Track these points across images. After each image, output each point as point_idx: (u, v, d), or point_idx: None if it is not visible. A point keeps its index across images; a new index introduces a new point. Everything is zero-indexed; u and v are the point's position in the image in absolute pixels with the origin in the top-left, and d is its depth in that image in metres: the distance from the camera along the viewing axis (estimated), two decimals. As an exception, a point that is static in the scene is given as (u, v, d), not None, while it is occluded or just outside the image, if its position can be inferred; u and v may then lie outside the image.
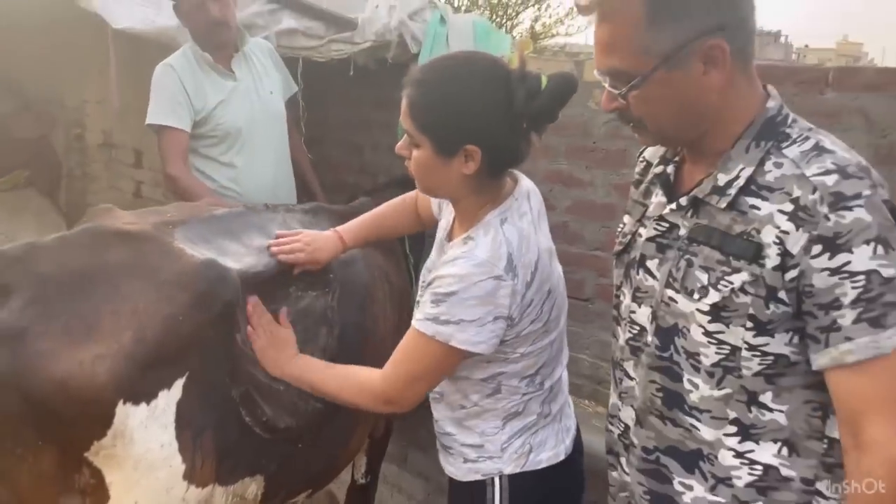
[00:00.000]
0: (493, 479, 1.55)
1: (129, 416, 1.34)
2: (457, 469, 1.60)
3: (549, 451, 1.57)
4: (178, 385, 1.41)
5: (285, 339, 1.65)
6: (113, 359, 1.30)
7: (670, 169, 1.33)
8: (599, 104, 2.65)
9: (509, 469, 1.54)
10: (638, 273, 1.32)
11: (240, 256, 1.64)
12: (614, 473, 1.44)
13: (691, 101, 1.18)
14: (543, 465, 1.56)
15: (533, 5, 11.59)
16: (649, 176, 1.39)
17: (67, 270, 1.38)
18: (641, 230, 1.34)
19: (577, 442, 1.67)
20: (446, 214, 1.64)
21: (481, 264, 1.37)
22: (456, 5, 10.61)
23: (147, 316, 1.36)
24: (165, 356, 1.38)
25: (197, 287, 1.44)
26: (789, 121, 1.19)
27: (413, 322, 1.45)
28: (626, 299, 1.35)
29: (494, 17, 11.00)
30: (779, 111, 1.20)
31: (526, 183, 1.57)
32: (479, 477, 1.56)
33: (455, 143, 1.40)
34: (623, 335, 1.36)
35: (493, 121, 1.39)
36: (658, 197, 1.33)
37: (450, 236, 1.58)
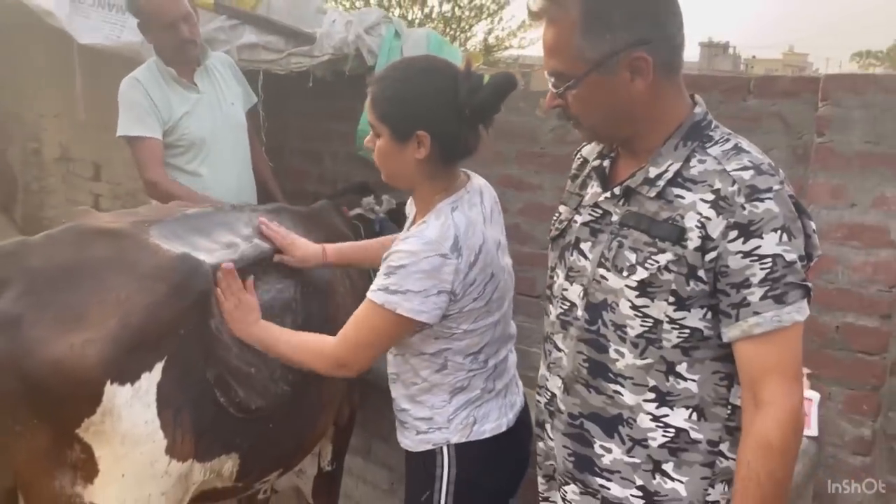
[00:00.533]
0: (441, 447, 1.70)
1: (115, 395, 1.46)
2: (411, 441, 1.75)
3: (493, 423, 1.72)
4: (158, 368, 1.53)
5: (250, 304, 1.76)
6: (101, 343, 1.43)
7: (606, 163, 1.48)
8: (546, 112, 2.84)
9: (455, 438, 1.70)
10: (572, 255, 1.46)
11: (211, 251, 1.77)
12: (540, 444, 1.58)
13: (619, 104, 1.33)
14: (487, 435, 1.71)
15: (486, 18, 11.83)
16: (587, 170, 1.54)
17: (55, 264, 1.50)
18: (577, 217, 1.48)
19: (524, 417, 1.83)
20: (411, 214, 1.81)
21: (429, 243, 1.54)
22: (409, 18, 10.79)
23: (130, 305, 1.48)
24: (147, 341, 1.50)
25: (173, 278, 1.57)
26: (713, 125, 1.36)
27: (367, 293, 1.60)
28: (560, 279, 1.49)
29: (448, 30, 11.19)
30: (704, 117, 1.36)
31: (479, 181, 1.75)
32: (429, 447, 1.71)
33: (408, 128, 1.59)
34: (555, 311, 1.50)
35: (440, 110, 1.58)
36: (594, 188, 1.47)
37: (413, 222, 1.75)
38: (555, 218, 1.57)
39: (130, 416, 1.49)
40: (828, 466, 2.21)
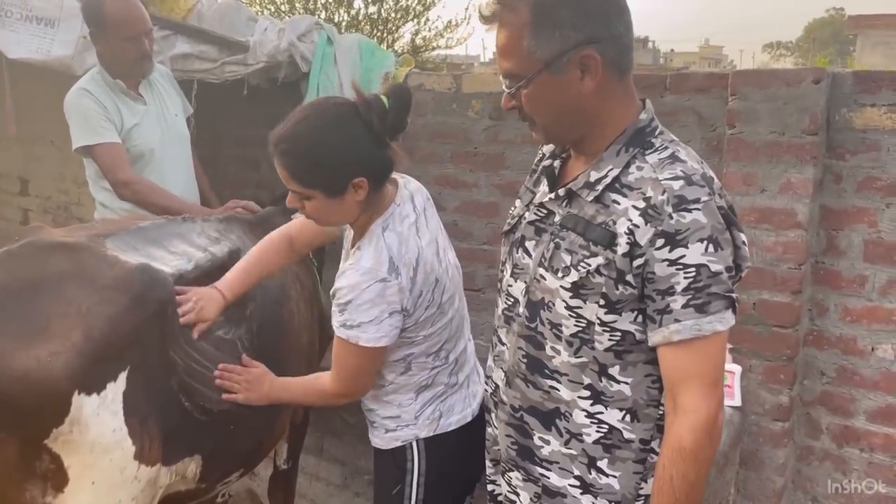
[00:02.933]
0: (411, 443, 1.76)
1: (83, 405, 1.48)
2: (380, 439, 1.81)
3: (458, 415, 1.79)
4: (122, 377, 1.56)
5: (260, 376, 1.83)
6: (66, 355, 1.45)
7: (557, 163, 1.48)
8: (478, 113, 2.95)
9: (424, 433, 1.76)
10: (518, 252, 1.47)
11: (167, 261, 1.80)
12: (489, 430, 1.62)
13: (570, 103, 1.33)
14: (453, 426, 1.78)
15: (412, 20, 11.86)
16: (541, 167, 1.55)
17: (15, 279, 1.52)
18: (527, 214, 1.49)
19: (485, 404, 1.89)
20: (348, 240, 1.83)
21: (366, 272, 1.58)
22: (336, 21, 10.75)
23: (92, 316, 1.51)
24: (110, 352, 1.53)
25: (133, 289, 1.60)
26: (657, 132, 1.35)
27: (334, 328, 1.65)
28: (507, 274, 1.51)
29: (375, 31, 11.19)
30: (649, 123, 1.36)
31: (408, 186, 1.78)
32: (399, 443, 1.77)
33: (342, 183, 1.58)
34: (501, 305, 1.53)
35: (364, 152, 1.59)
36: (543, 187, 1.48)
37: (352, 244, 1.77)
38: (510, 212, 1.58)
39: (98, 424, 1.51)
40: (751, 433, 2.39)
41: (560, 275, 1.36)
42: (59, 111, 2.65)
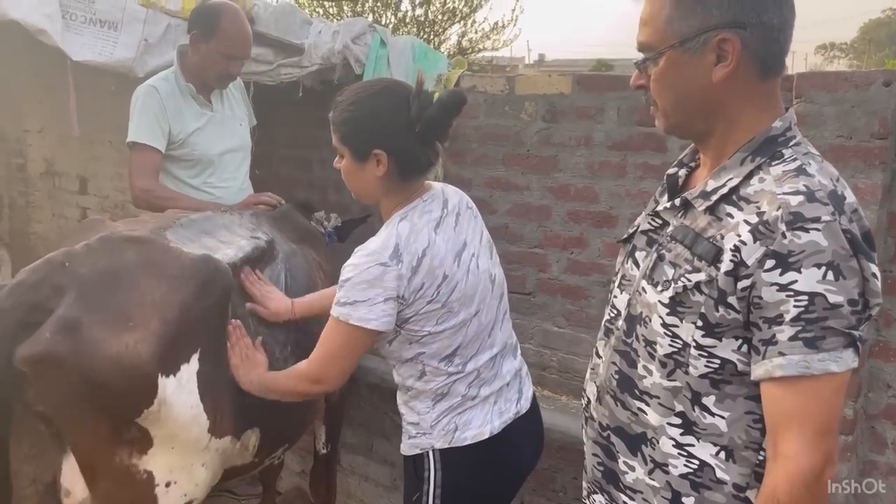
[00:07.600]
0: (427, 452, 1.78)
1: (166, 386, 1.61)
2: (404, 444, 1.84)
3: (474, 430, 1.77)
4: (195, 359, 1.69)
5: (257, 360, 1.90)
6: (148, 340, 1.57)
7: (683, 172, 1.39)
8: (531, 115, 2.92)
9: (439, 444, 1.76)
10: (628, 262, 1.40)
11: (221, 250, 1.94)
12: (585, 447, 1.51)
13: (696, 89, 1.22)
14: (468, 441, 1.76)
15: (459, 22, 11.89)
16: (665, 176, 1.45)
17: (97, 271, 1.64)
18: (643, 223, 1.40)
19: (520, 423, 1.86)
20: None
21: (370, 254, 1.64)
22: (383, 23, 10.83)
23: (165, 304, 1.63)
24: (182, 336, 1.65)
25: (199, 277, 1.71)
26: (791, 143, 1.22)
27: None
28: (615, 285, 1.43)
29: (422, 34, 11.23)
30: (783, 132, 1.22)
31: (445, 190, 1.82)
32: (418, 451, 1.79)
33: (365, 148, 1.68)
34: (605, 317, 1.45)
35: (393, 129, 1.67)
36: (665, 196, 1.40)
37: None
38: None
39: (178, 403, 1.64)
40: (813, 446, 2.31)
41: (660, 288, 1.26)
42: (116, 112, 2.73)
